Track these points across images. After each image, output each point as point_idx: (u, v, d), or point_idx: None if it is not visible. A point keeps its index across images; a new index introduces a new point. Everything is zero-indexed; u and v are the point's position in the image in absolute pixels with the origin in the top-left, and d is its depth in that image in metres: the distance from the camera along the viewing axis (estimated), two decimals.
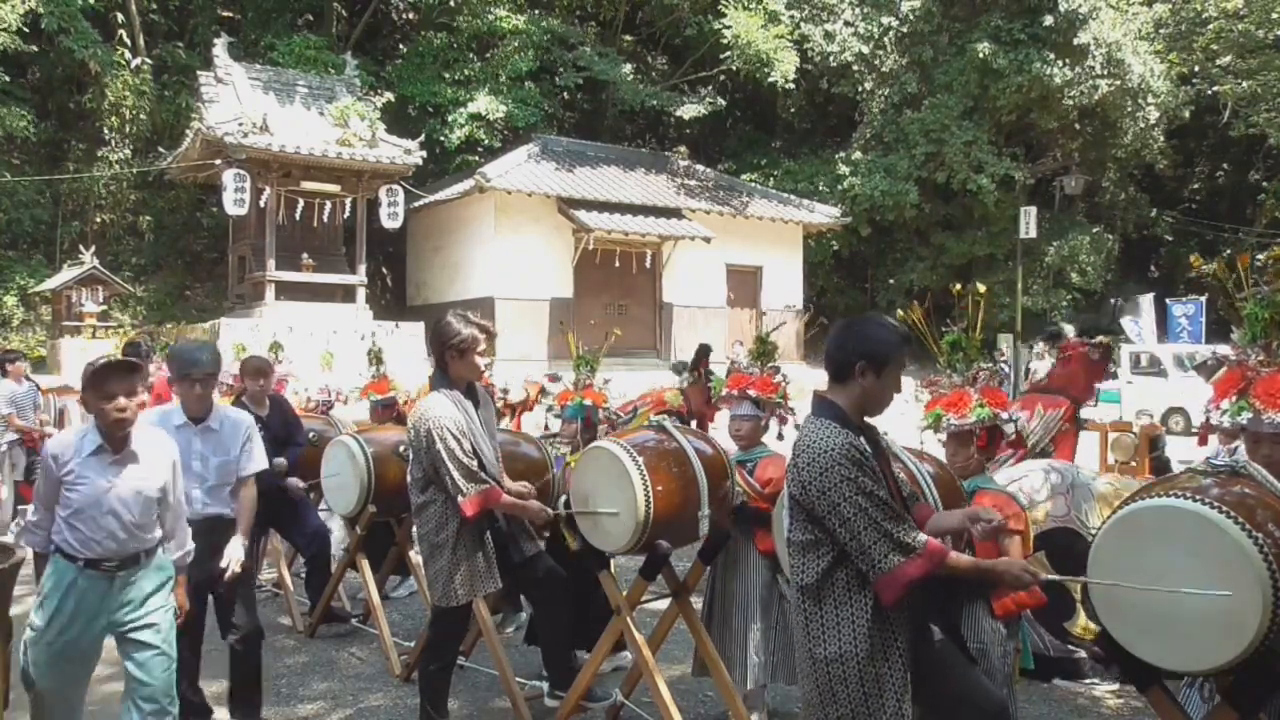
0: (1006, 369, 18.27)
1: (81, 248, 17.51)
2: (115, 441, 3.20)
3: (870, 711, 2.48)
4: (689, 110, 23.56)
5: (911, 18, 23.24)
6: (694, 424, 7.25)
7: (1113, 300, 26.09)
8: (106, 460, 3.19)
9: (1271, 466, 2.67)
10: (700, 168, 22.78)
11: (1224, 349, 3.28)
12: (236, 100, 17.34)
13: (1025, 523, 3.46)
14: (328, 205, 17.42)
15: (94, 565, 3.18)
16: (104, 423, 3.17)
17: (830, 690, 2.50)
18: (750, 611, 4.10)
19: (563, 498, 4.29)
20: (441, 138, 20.78)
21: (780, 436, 4.43)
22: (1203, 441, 3.58)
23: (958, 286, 3.81)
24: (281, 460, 5.45)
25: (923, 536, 2.47)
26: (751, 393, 4.36)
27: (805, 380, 12.89)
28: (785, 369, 4.71)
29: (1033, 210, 21.62)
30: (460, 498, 3.80)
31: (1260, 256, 3.14)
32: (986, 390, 3.62)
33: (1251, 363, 3.05)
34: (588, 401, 5.11)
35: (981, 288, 3.75)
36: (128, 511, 3.20)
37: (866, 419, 2.67)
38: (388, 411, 6.55)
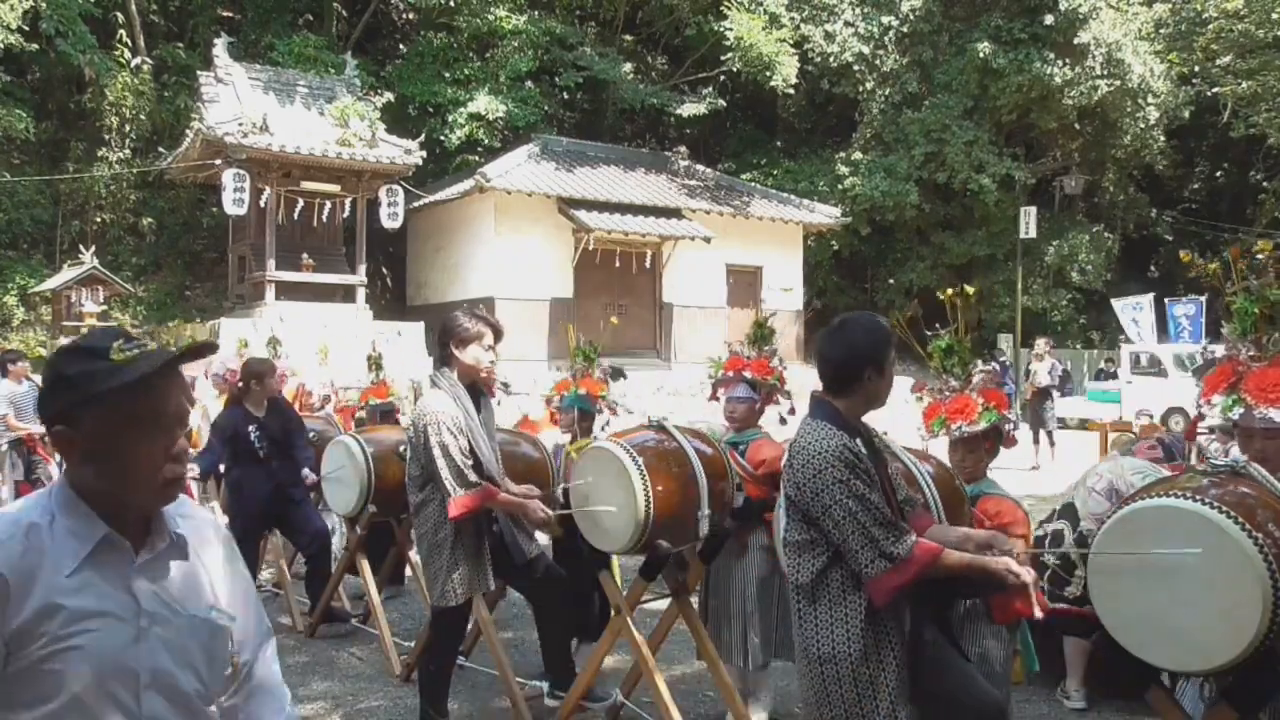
0: (1007, 366, 18.26)
1: (81, 248, 17.48)
2: (140, 527, 1.48)
3: (864, 713, 2.49)
4: (689, 109, 23.55)
5: (912, 18, 23.23)
6: None
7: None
8: (127, 567, 1.45)
9: (1264, 461, 2.67)
10: (700, 168, 22.76)
11: (1216, 347, 3.28)
12: (236, 100, 17.31)
13: (1027, 526, 3.47)
14: (327, 205, 17.40)
15: None
16: (146, 494, 1.47)
17: (825, 691, 2.52)
18: (748, 595, 4.12)
19: (561, 486, 4.29)
20: (441, 138, 20.76)
21: (783, 421, 4.42)
22: (1190, 436, 3.56)
23: (949, 291, 3.77)
24: (311, 474, 5.77)
25: (912, 539, 2.47)
26: (747, 374, 4.36)
27: (805, 380, 12.87)
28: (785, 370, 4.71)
29: (1033, 210, 21.62)
30: (449, 498, 3.78)
31: (1259, 253, 3.13)
32: (985, 392, 3.60)
33: (1242, 357, 3.05)
34: (583, 391, 5.11)
35: (969, 289, 3.72)
36: (187, 670, 1.48)
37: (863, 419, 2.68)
38: (387, 418, 6.61)
